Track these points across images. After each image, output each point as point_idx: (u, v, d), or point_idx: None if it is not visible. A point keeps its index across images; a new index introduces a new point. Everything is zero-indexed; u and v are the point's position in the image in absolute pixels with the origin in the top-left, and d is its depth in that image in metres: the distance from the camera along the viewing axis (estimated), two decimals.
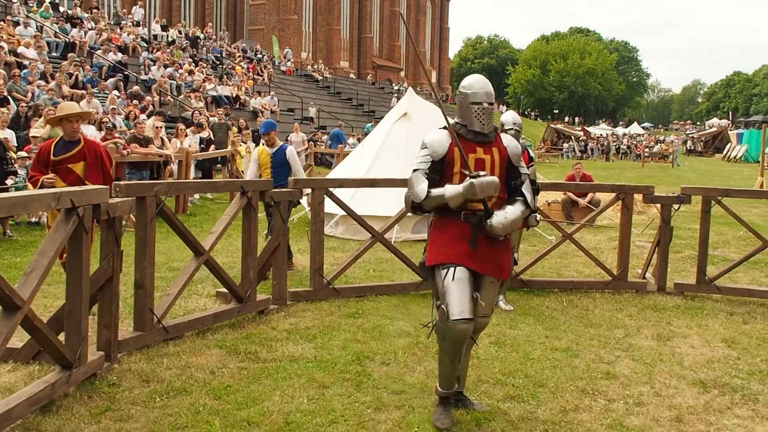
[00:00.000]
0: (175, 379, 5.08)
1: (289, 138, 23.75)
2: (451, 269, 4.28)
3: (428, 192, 4.36)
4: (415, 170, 4.49)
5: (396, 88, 58.89)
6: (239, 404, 4.66)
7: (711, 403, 4.96)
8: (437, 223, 4.49)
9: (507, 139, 4.63)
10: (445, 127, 4.55)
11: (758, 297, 8.01)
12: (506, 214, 4.35)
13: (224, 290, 6.96)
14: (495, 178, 4.23)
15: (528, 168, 7.45)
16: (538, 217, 7.53)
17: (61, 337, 4.83)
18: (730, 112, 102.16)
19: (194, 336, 6.11)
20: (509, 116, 7.48)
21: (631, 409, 4.81)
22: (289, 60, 47.66)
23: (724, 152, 53.42)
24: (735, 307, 7.65)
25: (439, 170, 4.44)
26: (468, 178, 4.22)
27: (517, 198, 4.51)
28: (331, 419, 4.47)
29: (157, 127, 14.58)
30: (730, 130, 64.86)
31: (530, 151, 7.57)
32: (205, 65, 31.89)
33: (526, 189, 4.58)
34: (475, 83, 4.60)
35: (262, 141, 9.12)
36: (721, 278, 8.21)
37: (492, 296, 4.50)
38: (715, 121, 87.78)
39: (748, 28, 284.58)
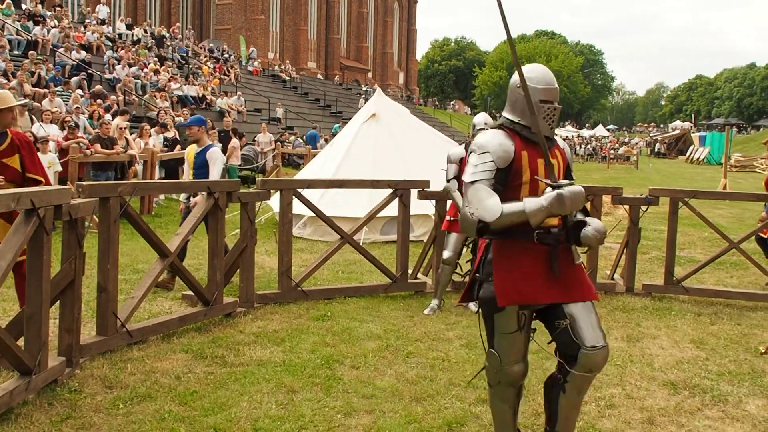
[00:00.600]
0: (139, 384, 4.95)
1: (256, 138, 23.59)
2: (526, 313, 3.72)
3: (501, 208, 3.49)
4: (474, 181, 3.57)
5: (364, 89, 58.81)
6: (206, 410, 4.55)
7: (682, 404, 4.95)
8: (503, 249, 3.66)
9: (561, 142, 4.01)
10: (501, 126, 3.79)
11: (724, 298, 8.06)
12: (594, 223, 3.68)
13: (190, 293, 6.83)
14: (581, 188, 3.52)
15: None
16: None
17: (21, 342, 4.68)
18: (693, 115, 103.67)
19: (159, 340, 5.98)
20: (481, 117, 7.46)
21: (603, 411, 4.78)
22: (252, 59, 47.26)
23: (687, 154, 54.19)
24: (702, 308, 7.69)
25: (503, 180, 3.61)
26: (549, 188, 3.50)
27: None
28: (300, 425, 4.39)
29: (121, 128, 14.35)
30: (693, 132, 65.78)
31: None
32: (170, 65, 31.53)
33: None
34: (543, 76, 3.76)
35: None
36: (688, 279, 8.26)
37: (595, 319, 3.69)
38: (678, 123, 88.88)
39: (710, 32, 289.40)
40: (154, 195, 13.62)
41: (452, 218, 7.30)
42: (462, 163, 7.31)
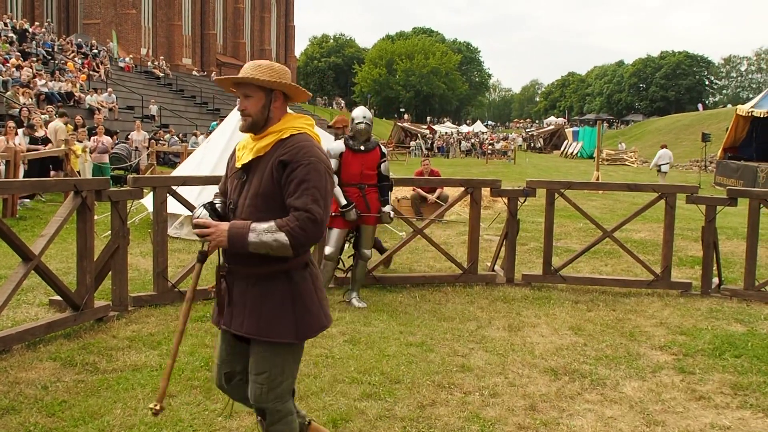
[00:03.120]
0: (1, 397, 4.61)
1: (130, 136, 22.76)
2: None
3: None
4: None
5: None
6: (76, 420, 4.28)
7: (562, 389, 5.03)
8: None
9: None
10: None
11: (599, 285, 8.32)
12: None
13: (58, 298, 6.44)
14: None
15: (381, 163, 7.40)
16: (392, 213, 7.48)
17: None
18: (566, 111, 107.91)
19: (24, 349, 5.59)
20: (360, 111, 7.41)
21: (486, 400, 4.80)
22: (113, 54, 45.68)
23: (562, 149, 56.21)
24: (579, 296, 7.90)
25: None
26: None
27: None
28: (178, 430, 4.20)
29: None
30: (567, 127, 68.39)
31: (382, 147, 7.51)
32: (34, 60, 30.03)
33: None
34: None
35: None
36: (565, 268, 8.46)
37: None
38: (552, 119, 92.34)
39: (579, 31, 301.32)
40: (18, 196, 12.87)
41: (333, 214, 7.20)
42: (342, 157, 7.22)
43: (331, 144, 7.52)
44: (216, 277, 3.33)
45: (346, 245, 7.59)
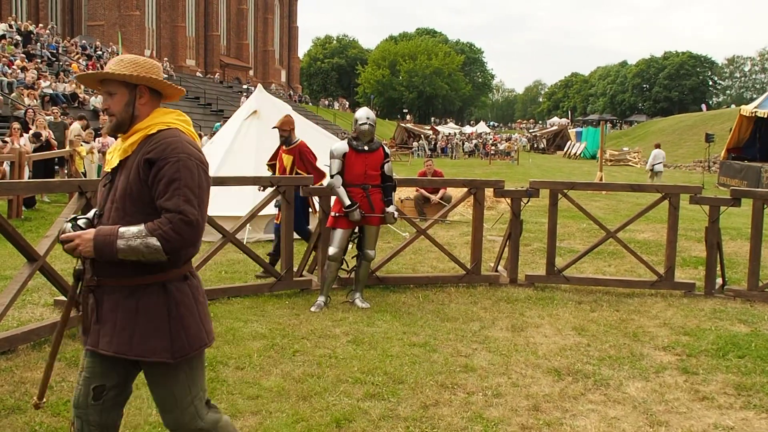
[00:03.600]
0: (7, 396, 4.63)
1: None
2: None
3: None
4: None
5: (245, 87, 58.00)
6: None
7: (566, 390, 5.04)
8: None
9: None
10: None
11: (603, 285, 8.32)
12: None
13: (63, 298, 6.46)
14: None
15: (384, 164, 7.41)
16: (396, 214, 7.49)
17: None
18: (570, 111, 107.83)
19: (29, 349, 5.62)
20: (363, 112, 7.42)
21: (490, 400, 4.80)
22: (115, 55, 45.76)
23: (565, 149, 56.16)
24: (582, 296, 7.90)
25: None
26: None
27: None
28: None
29: None
30: (570, 128, 68.38)
31: (385, 147, 7.52)
32: (39, 61, 30.10)
33: None
34: None
35: None
36: (568, 269, 8.47)
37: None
38: (555, 119, 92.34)
39: (582, 32, 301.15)
40: (22, 197, 12.92)
41: (337, 214, 7.21)
42: (345, 158, 7.23)
43: (334, 144, 7.54)
44: (80, 292, 2.97)
45: (350, 245, 7.60)
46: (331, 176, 7.26)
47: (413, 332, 6.32)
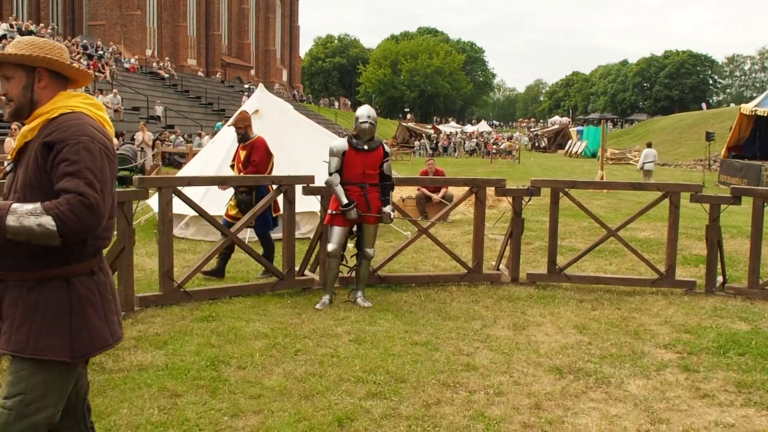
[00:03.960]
0: None
1: (135, 137, 22.83)
2: None
3: None
4: None
5: (246, 86, 58.02)
6: None
7: (567, 388, 5.05)
8: None
9: None
10: None
11: (604, 284, 8.33)
12: None
13: None
14: None
15: (383, 163, 7.41)
16: (392, 214, 7.48)
17: None
18: (571, 110, 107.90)
19: None
20: (364, 110, 7.41)
21: (491, 399, 4.81)
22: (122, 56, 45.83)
23: (566, 148, 56.13)
24: (584, 295, 7.91)
25: None
26: None
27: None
28: (184, 429, 4.21)
29: None
30: (571, 127, 68.37)
31: (386, 146, 7.52)
32: None
33: None
34: None
35: None
36: (569, 267, 8.48)
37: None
38: (556, 118, 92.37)
39: (583, 31, 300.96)
40: None
41: (334, 212, 7.21)
42: (344, 156, 7.22)
43: (334, 142, 7.53)
44: None
45: (349, 243, 7.59)
46: (330, 174, 7.25)
47: (415, 331, 6.33)
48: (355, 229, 7.48)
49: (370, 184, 7.29)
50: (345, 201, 7.12)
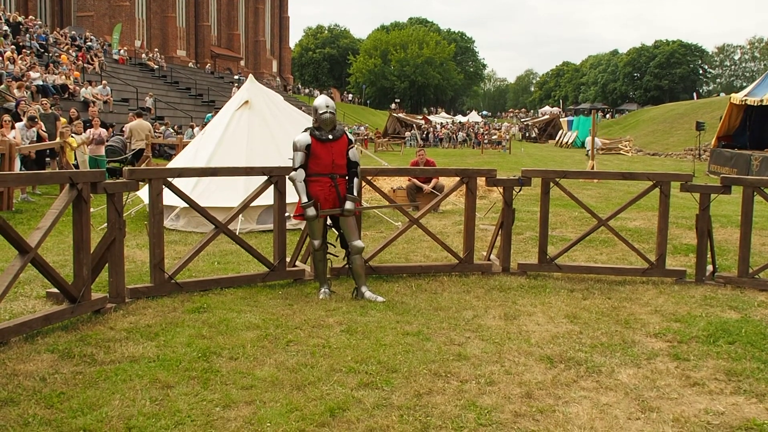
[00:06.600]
0: (0, 389, 4.61)
1: (124, 128, 22.71)
2: None
3: None
4: None
5: (236, 77, 57.80)
6: (74, 412, 4.28)
7: (558, 377, 5.06)
8: None
9: None
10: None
11: (595, 273, 8.36)
12: None
13: (55, 290, 6.46)
14: None
15: (349, 150, 7.32)
16: (354, 208, 7.30)
17: None
18: (561, 100, 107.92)
19: (22, 341, 5.60)
20: (322, 100, 7.30)
21: (483, 388, 4.82)
22: (114, 48, 45.55)
23: (557, 138, 56.23)
24: (575, 284, 7.94)
25: None
26: None
27: None
28: (176, 420, 4.20)
29: None
30: (562, 117, 68.43)
31: (349, 134, 7.45)
32: (29, 53, 29.92)
33: None
34: None
35: None
36: (560, 257, 8.50)
37: None
38: (547, 109, 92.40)
39: (574, 21, 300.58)
40: (13, 189, 12.87)
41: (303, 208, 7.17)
42: (310, 149, 7.13)
43: (296, 137, 7.30)
44: None
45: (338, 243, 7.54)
46: (294, 169, 7.18)
47: (406, 321, 6.34)
48: (329, 222, 7.42)
49: (339, 174, 7.20)
50: (305, 199, 7.07)
